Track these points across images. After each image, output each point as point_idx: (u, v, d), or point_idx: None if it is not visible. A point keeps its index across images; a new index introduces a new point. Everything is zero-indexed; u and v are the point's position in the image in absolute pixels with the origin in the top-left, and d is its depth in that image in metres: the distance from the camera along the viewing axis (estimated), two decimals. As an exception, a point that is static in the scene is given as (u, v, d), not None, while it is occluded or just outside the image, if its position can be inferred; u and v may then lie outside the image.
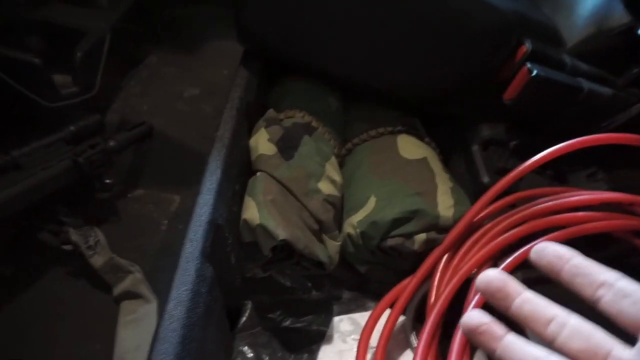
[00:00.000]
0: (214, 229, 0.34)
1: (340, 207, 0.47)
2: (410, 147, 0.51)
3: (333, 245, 0.43)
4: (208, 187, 0.36)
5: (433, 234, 0.44)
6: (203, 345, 0.29)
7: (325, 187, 0.45)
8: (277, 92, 0.58)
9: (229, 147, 0.41)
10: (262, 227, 0.39)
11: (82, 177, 0.54)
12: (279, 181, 0.44)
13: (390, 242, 0.43)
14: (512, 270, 0.40)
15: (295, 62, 0.54)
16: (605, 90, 0.49)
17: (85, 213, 0.58)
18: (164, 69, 0.82)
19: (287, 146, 0.47)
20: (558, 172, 0.52)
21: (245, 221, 0.40)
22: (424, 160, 0.49)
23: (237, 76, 0.51)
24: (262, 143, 0.47)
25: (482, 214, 0.44)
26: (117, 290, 0.53)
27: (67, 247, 0.53)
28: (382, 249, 0.44)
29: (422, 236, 0.43)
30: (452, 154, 0.57)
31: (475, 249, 0.42)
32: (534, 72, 0.47)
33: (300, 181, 0.45)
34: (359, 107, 0.59)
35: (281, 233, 0.38)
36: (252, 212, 0.40)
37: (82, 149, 0.56)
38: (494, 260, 0.42)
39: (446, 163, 0.55)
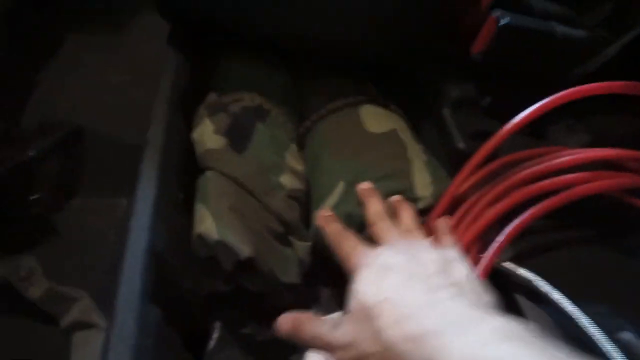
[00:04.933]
0: (155, 259, 0.28)
1: (305, 201, 0.42)
2: (376, 119, 0.45)
3: (302, 247, 0.38)
4: (142, 206, 0.30)
5: (413, 218, 0.39)
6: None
7: (287, 180, 0.39)
8: (217, 73, 0.51)
9: (163, 149, 0.34)
10: (222, 244, 0.33)
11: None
12: (233, 179, 0.38)
13: (367, 233, 0.38)
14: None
15: (229, 30, 0.46)
16: (579, 33, 0.45)
17: (12, 239, 0.50)
18: (85, 56, 0.71)
19: (238, 136, 0.41)
20: (535, 128, 0.48)
21: (200, 236, 0.34)
22: (393, 132, 0.44)
23: (166, 60, 0.43)
24: (208, 135, 0.40)
25: (463, 188, 0.39)
26: (65, 321, 0.46)
27: (-5, 283, 0.45)
28: (360, 241, 0.39)
29: (401, 222, 0.38)
30: (420, 120, 0.52)
31: (460, 228, 0.38)
32: (503, 21, 0.42)
33: (258, 177, 0.38)
34: (311, 79, 0.53)
35: (245, 249, 0.32)
36: (207, 224, 0.34)
37: (-10, 166, 0.47)
38: (483, 239, 0.38)
39: (415, 131, 0.50)
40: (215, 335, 0.38)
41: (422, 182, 0.39)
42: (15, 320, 0.48)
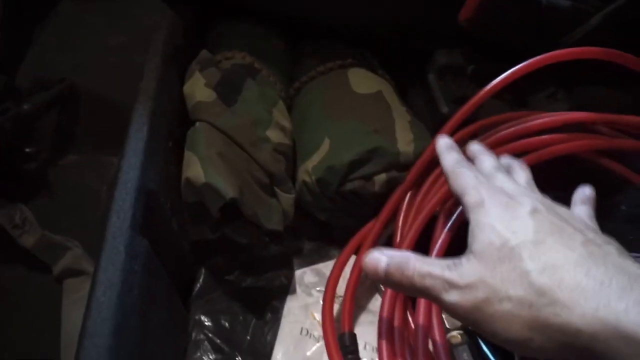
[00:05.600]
0: (145, 196, 0.30)
1: (291, 156, 0.43)
2: (363, 81, 0.47)
3: (286, 199, 0.40)
4: (133, 147, 0.31)
5: (394, 173, 0.41)
6: (144, 329, 0.26)
7: (274, 135, 0.41)
8: (214, 34, 0.52)
9: (155, 98, 0.35)
10: (209, 186, 0.35)
11: (-7, 148, 0.47)
12: (222, 131, 0.39)
13: (349, 186, 0.40)
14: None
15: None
16: (563, 2, 0.46)
17: (8, 189, 0.51)
18: (82, 16, 0.72)
19: (227, 90, 0.42)
20: (517, 96, 0.50)
21: (188, 180, 0.36)
22: (378, 93, 0.45)
23: (161, 16, 0.44)
24: (199, 89, 0.41)
25: (443, 147, 0.41)
26: (57, 268, 0.48)
27: (-11, 230, 0.47)
28: (341, 194, 0.41)
29: (382, 177, 0.40)
30: (408, 85, 0.53)
31: (438, 184, 0.40)
32: (490, -13, 0.43)
33: (246, 129, 0.40)
34: (306, 44, 0.54)
35: (230, 191, 0.34)
36: (195, 169, 0.36)
37: (-11, 116, 0.48)
38: (458, 195, 0.40)
39: (403, 96, 0.51)
40: (201, 279, 0.40)
41: (405, 139, 0.41)
42: (9, 267, 0.50)
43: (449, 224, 0.36)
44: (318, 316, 0.39)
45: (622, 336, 0.18)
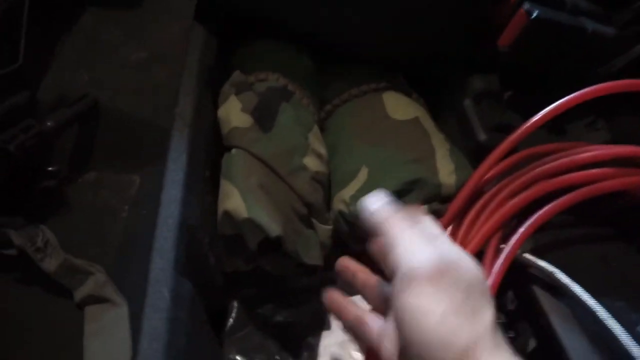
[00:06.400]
0: (187, 233, 0.28)
1: (328, 185, 0.42)
2: (399, 106, 0.45)
3: (324, 230, 0.38)
4: (172, 178, 0.30)
5: (435, 205, 0.39)
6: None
7: (311, 162, 0.39)
8: (242, 52, 0.50)
9: (192, 125, 0.34)
10: (251, 221, 0.33)
11: (16, 168, 0.46)
12: (259, 158, 0.38)
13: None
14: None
15: (257, 16, 0.46)
16: (609, 30, 0.44)
17: (27, 209, 0.50)
18: (103, 31, 0.70)
19: (264, 115, 0.40)
20: (556, 124, 0.48)
21: (228, 213, 0.34)
22: (416, 120, 0.44)
23: (192, 36, 0.42)
24: (235, 114, 0.40)
25: (485, 178, 0.40)
26: (79, 294, 0.46)
27: (10, 252, 0.45)
28: (380, 226, 0.39)
29: (423, 209, 0.39)
30: (440, 110, 0.52)
31: (482, 218, 0.38)
32: (534, 14, 0.42)
33: (283, 157, 0.38)
34: (335, 63, 0.52)
35: (275, 228, 0.32)
36: (235, 201, 0.34)
37: (13, 134, 0.46)
38: (503, 229, 0.38)
39: (434, 120, 0.50)
40: (234, 314, 0.39)
41: (446, 170, 0.39)
42: (28, 289, 0.48)
43: (498, 263, 0.34)
44: (356, 355, 0.38)
45: None
